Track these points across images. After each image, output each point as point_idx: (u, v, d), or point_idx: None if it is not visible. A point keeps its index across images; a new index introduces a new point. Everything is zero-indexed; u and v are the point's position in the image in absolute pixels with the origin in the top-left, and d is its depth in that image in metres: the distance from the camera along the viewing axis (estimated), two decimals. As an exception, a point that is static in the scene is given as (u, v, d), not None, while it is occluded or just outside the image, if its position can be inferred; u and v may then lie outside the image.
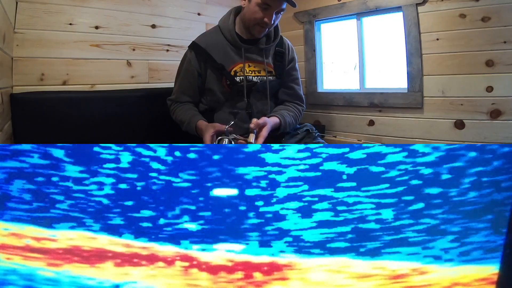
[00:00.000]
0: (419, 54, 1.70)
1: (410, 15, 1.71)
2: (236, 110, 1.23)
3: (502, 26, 1.44)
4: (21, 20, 1.30)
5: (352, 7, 1.95)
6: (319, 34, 2.18)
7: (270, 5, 1.11)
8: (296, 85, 1.35)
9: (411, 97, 1.75)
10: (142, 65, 1.68)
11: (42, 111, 1.27)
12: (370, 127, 1.95)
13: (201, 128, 1.14)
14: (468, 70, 1.56)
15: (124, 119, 1.46)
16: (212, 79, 1.23)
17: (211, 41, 1.23)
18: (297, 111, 1.32)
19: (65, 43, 1.41)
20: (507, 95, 1.47)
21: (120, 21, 1.58)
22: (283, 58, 1.31)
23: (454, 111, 1.62)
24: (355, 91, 2.04)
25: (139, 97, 1.53)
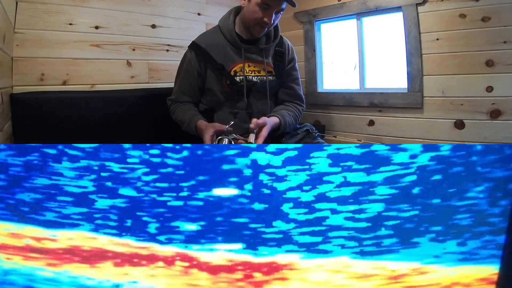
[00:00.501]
0: (419, 54, 1.70)
1: (410, 15, 1.71)
2: (236, 110, 1.23)
3: (502, 26, 1.44)
4: (21, 20, 1.30)
5: (352, 7, 1.95)
6: (319, 34, 2.18)
7: (270, 5, 1.11)
8: (296, 85, 1.35)
9: (411, 97, 1.75)
10: (142, 65, 1.68)
11: (42, 111, 1.27)
12: (370, 127, 1.95)
13: (201, 128, 1.14)
14: (468, 70, 1.56)
15: (124, 119, 1.46)
16: (212, 79, 1.23)
17: (211, 41, 1.23)
18: (297, 111, 1.32)
19: (65, 43, 1.41)
20: (507, 95, 1.47)
21: (120, 21, 1.58)
22: (283, 58, 1.31)
23: (454, 111, 1.62)
24: (355, 91, 2.04)
25: (139, 97, 1.53)
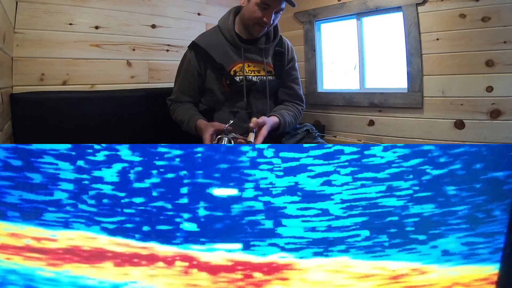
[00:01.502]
0: (419, 54, 1.70)
1: (410, 15, 1.71)
2: (235, 110, 1.23)
3: (502, 26, 1.44)
4: (21, 20, 1.30)
5: (352, 7, 1.95)
6: (319, 34, 2.18)
7: (270, 4, 1.11)
8: (296, 85, 1.35)
9: (411, 97, 1.75)
10: (142, 65, 1.68)
11: (42, 111, 1.27)
12: (370, 127, 1.95)
13: (200, 128, 1.14)
14: (468, 70, 1.56)
15: (124, 119, 1.46)
16: (212, 79, 1.23)
17: (210, 41, 1.23)
18: (297, 110, 1.32)
19: (65, 43, 1.41)
20: (507, 95, 1.47)
21: (120, 21, 1.59)
22: (283, 57, 1.31)
23: (454, 111, 1.62)
24: (355, 91, 2.04)
25: (139, 97, 1.53)
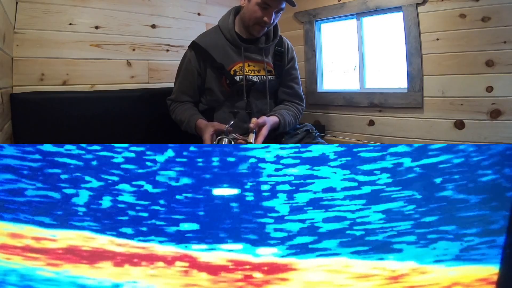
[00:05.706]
0: (419, 54, 1.70)
1: (410, 15, 1.71)
2: (235, 109, 1.23)
3: (502, 26, 1.44)
4: (21, 20, 1.30)
5: (352, 7, 1.95)
6: (319, 34, 2.18)
7: (270, 4, 1.11)
8: (296, 85, 1.35)
9: (411, 97, 1.75)
10: (142, 65, 1.68)
11: (42, 111, 1.26)
12: (370, 127, 1.95)
13: (200, 127, 1.14)
14: (468, 70, 1.56)
15: (124, 119, 1.46)
16: (212, 79, 1.23)
17: (211, 41, 1.23)
18: (297, 110, 1.32)
19: (65, 43, 1.41)
20: (507, 95, 1.47)
21: (120, 21, 1.58)
22: (283, 57, 1.31)
23: (454, 111, 1.62)
24: (355, 91, 2.04)
25: (139, 97, 1.53)
